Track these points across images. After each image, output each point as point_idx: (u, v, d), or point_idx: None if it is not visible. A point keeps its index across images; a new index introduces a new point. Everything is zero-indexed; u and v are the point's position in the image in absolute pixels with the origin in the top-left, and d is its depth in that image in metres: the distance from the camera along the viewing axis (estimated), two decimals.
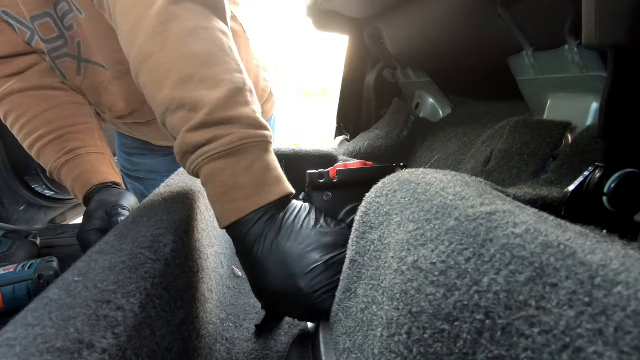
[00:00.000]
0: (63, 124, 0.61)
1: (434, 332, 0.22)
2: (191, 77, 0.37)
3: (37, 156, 0.61)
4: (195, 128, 0.37)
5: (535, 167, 0.43)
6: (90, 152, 0.61)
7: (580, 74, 0.40)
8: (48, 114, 0.60)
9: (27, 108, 0.60)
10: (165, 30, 0.38)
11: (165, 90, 0.38)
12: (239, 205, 0.37)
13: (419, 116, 0.80)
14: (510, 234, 0.21)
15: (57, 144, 0.60)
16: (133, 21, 0.40)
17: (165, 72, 0.38)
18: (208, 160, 0.37)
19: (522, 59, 0.47)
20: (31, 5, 0.56)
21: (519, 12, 0.43)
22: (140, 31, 0.39)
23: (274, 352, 0.45)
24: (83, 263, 0.29)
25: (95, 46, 0.60)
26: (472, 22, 0.50)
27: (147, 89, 0.40)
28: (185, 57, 0.38)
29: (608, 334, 0.14)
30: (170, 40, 0.38)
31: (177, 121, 0.38)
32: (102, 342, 0.22)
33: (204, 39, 0.39)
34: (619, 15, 0.27)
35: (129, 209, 0.53)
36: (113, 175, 0.62)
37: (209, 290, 0.44)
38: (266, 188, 0.38)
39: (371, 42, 0.82)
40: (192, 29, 0.39)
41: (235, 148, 0.37)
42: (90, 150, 0.61)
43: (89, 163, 0.60)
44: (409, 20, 0.65)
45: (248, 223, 0.37)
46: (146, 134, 0.77)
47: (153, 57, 0.38)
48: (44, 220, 1.20)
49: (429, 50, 0.67)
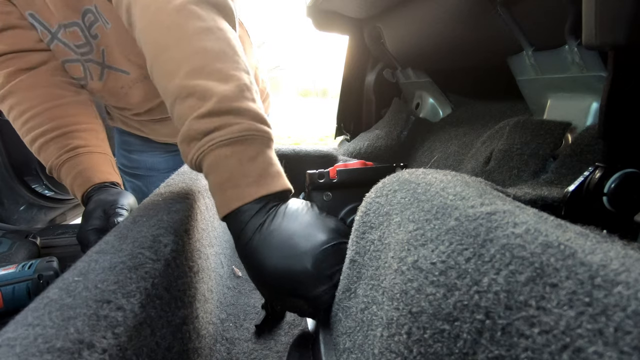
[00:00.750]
0: (67, 122, 0.61)
1: (434, 332, 0.22)
2: (203, 68, 0.39)
3: (38, 152, 0.61)
4: (204, 115, 0.38)
5: (535, 167, 0.43)
6: (92, 152, 0.61)
7: (580, 74, 0.40)
8: (54, 111, 0.61)
9: (33, 103, 0.60)
10: (183, 25, 0.40)
11: (177, 79, 0.39)
12: (242, 191, 0.37)
13: (419, 116, 0.80)
14: (510, 234, 0.21)
15: (60, 141, 0.60)
16: (152, 14, 0.41)
17: (179, 63, 0.39)
18: (215, 146, 0.38)
19: (522, 59, 0.47)
20: (61, 14, 0.59)
21: (519, 12, 0.43)
22: (158, 24, 0.41)
23: (274, 352, 0.45)
24: (83, 263, 0.29)
25: (119, 53, 0.62)
26: (472, 22, 0.50)
27: (160, 80, 0.41)
28: (199, 51, 0.39)
29: (608, 334, 0.14)
30: (186, 34, 0.40)
31: (186, 109, 0.39)
32: (102, 342, 0.22)
33: (219, 38, 0.41)
34: (619, 15, 0.27)
35: (128, 209, 0.53)
36: (113, 175, 0.62)
37: (209, 290, 0.44)
38: (269, 179, 0.38)
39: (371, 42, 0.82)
40: (209, 28, 0.41)
41: (242, 137, 0.38)
42: (92, 150, 0.61)
43: (90, 162, 0.60)
44: (409, 20, 0.65)
45: (250, 211, 0.37)
46: (157, 129, 0.79)
47: (168, 50, 0.40)
48: (44, 220, 1.20)
49: (429, 50, 0.67)
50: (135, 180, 0.94)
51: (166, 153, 0.91)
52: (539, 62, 0.45)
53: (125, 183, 0.97)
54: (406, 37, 0.70)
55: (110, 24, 0.61)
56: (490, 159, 0.50)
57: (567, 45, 0.40)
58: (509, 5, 0.43)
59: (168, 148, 0.90)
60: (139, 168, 0.92)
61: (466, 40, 0.55)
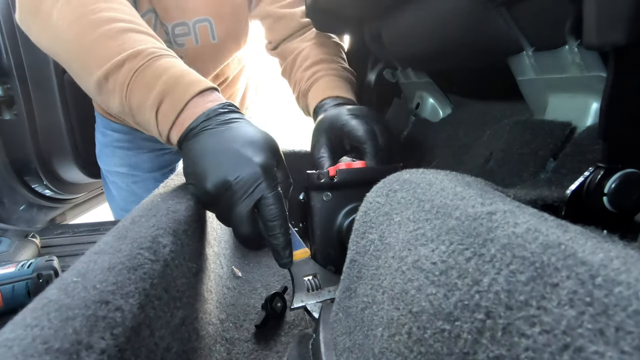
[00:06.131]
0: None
1: (434, 331, 0.22)
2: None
3: (117, 36, 0.46)
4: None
5: (535, 167, 0.43)
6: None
7: (580, 74, 0.40)
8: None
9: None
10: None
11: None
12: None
13: (419, 116, 0.80)
14: (510, 234, 0.21)
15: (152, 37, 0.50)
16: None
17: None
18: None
19: (522, 59, 0.47)
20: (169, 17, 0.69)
21: (519, 12, 0.43)
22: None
23: (274, 352, 0.45)
24: (82, 263, 0.29)
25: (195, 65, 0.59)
26: (472, 22, 0.50)
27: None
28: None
29: (609, 334, 0.14)
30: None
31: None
32: (100, 343, 0.22)
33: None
34: (619, 15, 0.27)
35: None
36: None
37: (209, 290, 0.44)
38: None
39: (371, 42, 0.82)
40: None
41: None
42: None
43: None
44: (409, 20, 0.65)
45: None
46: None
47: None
48: (44, 220, 1.20)
49: (429, 50, 0.67)
50: (119, 180, 0.95)
51: (151, 152, 0.92)
52: (539, 62, 0.45)
53: (109, 183, 0.98)
54: (406, 37, 0.70)
55: (200, 43, 0.72)
56: (490, 159, 0.50)
57: (567, 46, 0.40)
58: (509, 5, 0.43)
59: (153, 146, 0.91)
60: (122, 166, 0.93)
61: (466, 41, 0.55)
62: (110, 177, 0.96)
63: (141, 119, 0.46)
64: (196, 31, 0.72)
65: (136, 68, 0.44)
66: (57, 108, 1.02)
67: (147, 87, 0.44)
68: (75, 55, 0.48)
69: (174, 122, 0.44)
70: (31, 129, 1.00)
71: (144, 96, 0.44)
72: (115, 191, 0.97)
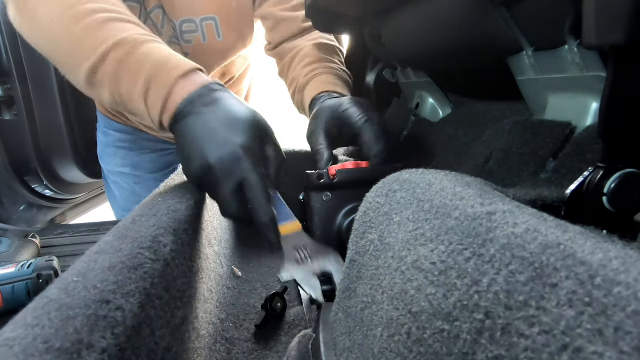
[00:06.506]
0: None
1: (433, 332, 0.22)
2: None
3: (100, 27, 0.46)
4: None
5: (535, 167, 0.43)
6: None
7: (580, 74, 0.40)
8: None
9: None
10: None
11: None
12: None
13: (419, 116, 0.80)
14: (510, 234, 0.21)
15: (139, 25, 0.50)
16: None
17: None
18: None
19: (522, 59, 0.47)
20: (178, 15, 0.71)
21: (518, 12, 0.43)
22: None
23: (274, 352, 0.45)
24: (82, 263, 0.29)
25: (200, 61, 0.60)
26: (472, 22, 0.50)
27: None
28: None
29: (608, 334, 0.14)
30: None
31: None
32: (101, 342, 0.22)
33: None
34: (618, 15, 0.27)
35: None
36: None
37: (209, 290, 0.44)
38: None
39: (371, 42, 0.82)
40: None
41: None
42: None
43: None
44: (409, 20, 0.65)
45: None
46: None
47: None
48: (44, 220, 1.20)
49: (429, 50, 0.67)
50: (120, 180, 0.95)
51: (153, 152, 0.91)
52: (539, 62, 0.45)
53: (110, 184, 0.98)
54: (406, 37, 0.70)
55: (207, 39, 0.73)
56: (490, 159, 0.50)
57: (567, 45, 0.40)
58: (509, 5, 0.43)
59: (156, 147, 0.90)
60: (124, 167, 0.93)
61: (466, 41, 0.55)
62: (112, 177, 0.95)
63: (132, 108, 0.46)
64: (203, 28, 0.73)
65: (120, 57, 0.44)
66: (57, 108, 1.02)
67: (133, 75, 0.44)
68: (63, 51, 0.48)
69: (163, 108, 0.44)
70: (31, 129, 1.00)
71: (131, 85, 0.44)
72: (117, 191, 0.97)
